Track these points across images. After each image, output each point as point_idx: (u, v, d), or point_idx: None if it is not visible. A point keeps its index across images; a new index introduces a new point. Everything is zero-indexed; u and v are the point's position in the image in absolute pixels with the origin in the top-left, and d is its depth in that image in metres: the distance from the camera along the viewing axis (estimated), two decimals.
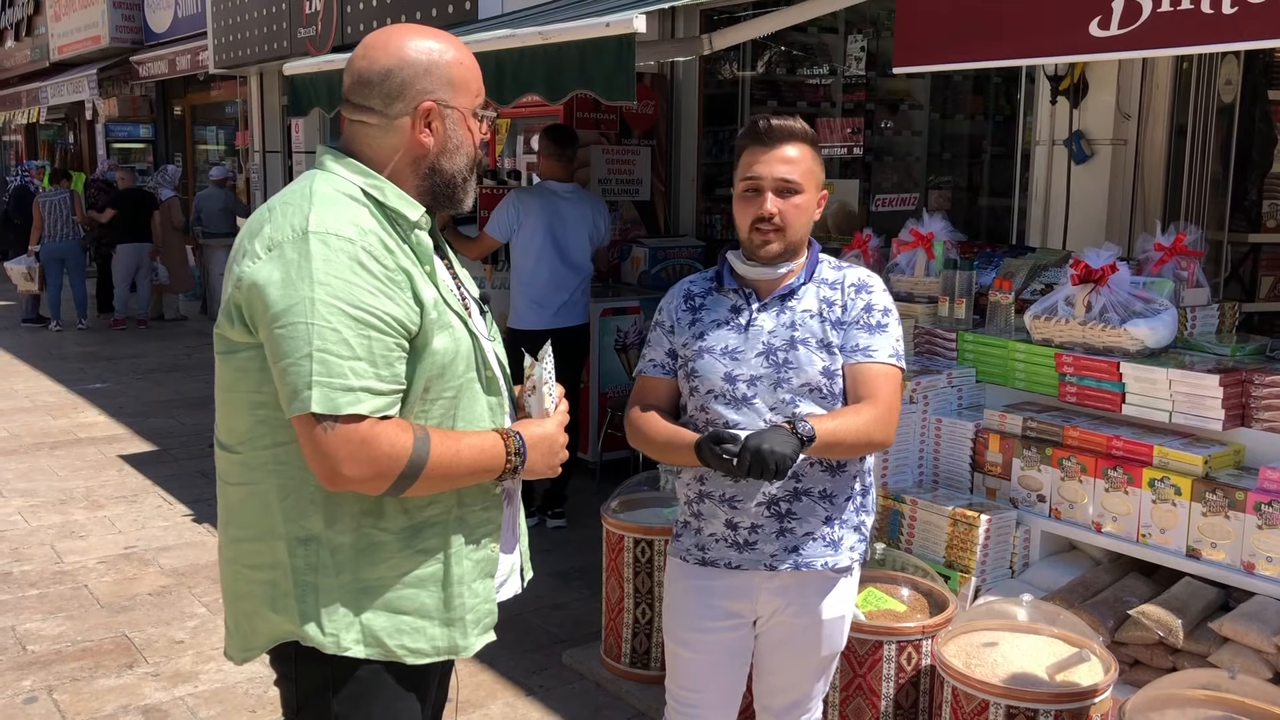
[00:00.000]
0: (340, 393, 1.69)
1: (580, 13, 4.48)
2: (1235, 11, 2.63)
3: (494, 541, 1.97)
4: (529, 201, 5.37)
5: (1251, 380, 3.02)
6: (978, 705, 2.72)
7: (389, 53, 1.85)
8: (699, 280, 2.51)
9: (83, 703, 3.78)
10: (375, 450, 1.72)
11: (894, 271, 4.12)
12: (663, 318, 2.49)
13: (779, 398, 2.33)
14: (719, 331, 2.39)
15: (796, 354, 2.33)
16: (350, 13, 8.86)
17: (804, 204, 2.33)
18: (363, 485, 1.75)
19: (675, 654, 2.52)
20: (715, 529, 2.41)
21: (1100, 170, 4.59)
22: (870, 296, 2.39)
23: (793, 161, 2.31)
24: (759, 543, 2.37)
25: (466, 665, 3.97)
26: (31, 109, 18.13)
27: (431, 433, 1.79)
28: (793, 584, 2.40)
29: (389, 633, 1.86)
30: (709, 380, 2.37)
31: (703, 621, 2.45)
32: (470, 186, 1.96)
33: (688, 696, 2.51)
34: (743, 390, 2.34)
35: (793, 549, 2.37)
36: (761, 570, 2.39)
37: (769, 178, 2.31)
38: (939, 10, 3.30)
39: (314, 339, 1.68)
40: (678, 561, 2.50)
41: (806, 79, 7.58)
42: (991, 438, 3.40)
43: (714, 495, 2.39)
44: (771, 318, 2.37)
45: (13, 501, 6.01)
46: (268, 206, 1.83)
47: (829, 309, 2.37)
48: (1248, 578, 2.86)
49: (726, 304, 2.42)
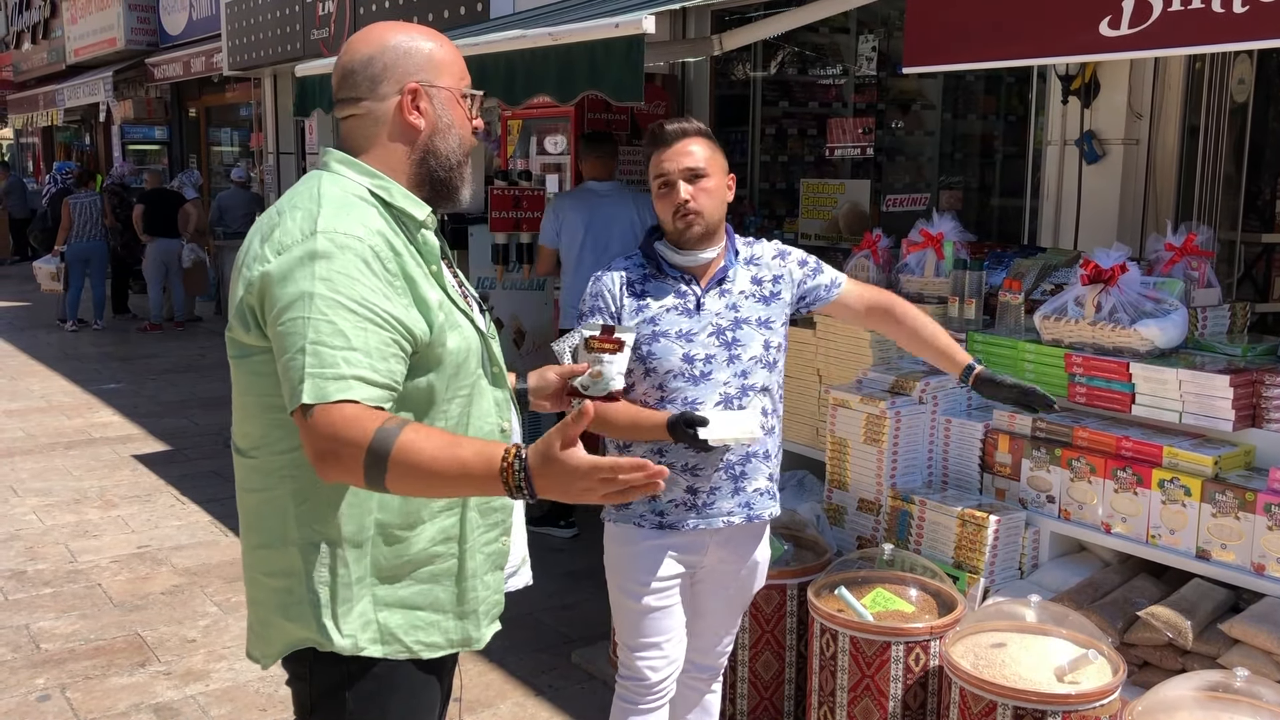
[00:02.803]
0: (330, 381, 1.65)
1: (591, 13, 4.49)
2: (1246, 11, 2.62)
3: (505, 535, 1.98)
4: (567, 203, 5.43)
5: (1262, 381, 3.00)
6: (985, 706, 2.71)
7: (369, 42, 1.90)
8: (630, 267, 2.71)
9: (95, 701, 3.81)
10: (342, 432, 1.63)
11: (904, 272, 4.11)
12: (601, 304, 2.67)
13: (734, 370, 2.62)
14: (670, 316, 2.63)
15: (741, 332, 2.64)
16: (363, 14, 8.89)
17: (713, 187, 2.60)
18: (339, 473, 1.67)
19: (633, 609, 2.70)
20: (675, 495, 2.65)
21: (1112, 170, 4.57)
22: (793, 256, 2.76)
23: (693, 153, 2.58)
24: (717, 501, 2.66)
25: (476, 664, 3.99)
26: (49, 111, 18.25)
27: (411, 425, 1.68)
28: (737, 534, 2.72)
29: (404, 629, 1.87)
30: (667, 361, 2.60)
31: (661, 577, 2.68)
32: (466, 173, 1.96)
33: (653, 644, 2.72)
34: (700, 368, 2.61)
35: (746, 504, 2.69)
36: (717, 525, 2.67)
37: (676, 170, 2.57)
38: (948, 10, 3.29)
39: (309, 332, 1.67)
40: (630, 526, 2.68)
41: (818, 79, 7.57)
42: (1001, 438, 3.39)
43: (675, 465, 2.62)
44: (715, 300, 2.65)
45: (28, 501, 6.06)
46: (276, 209, 1.84)
47: (759, 287, 2.69)
48: (1258, 579, 2.85)
49: (669, 289, 2.66)
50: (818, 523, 3.66)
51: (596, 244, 5.35)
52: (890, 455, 3.46)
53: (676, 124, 2.62)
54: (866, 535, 3.56)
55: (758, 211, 7.16)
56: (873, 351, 3.71)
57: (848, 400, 3.56)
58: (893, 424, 3.44)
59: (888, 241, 4.31)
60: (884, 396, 3.49)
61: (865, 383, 3.66)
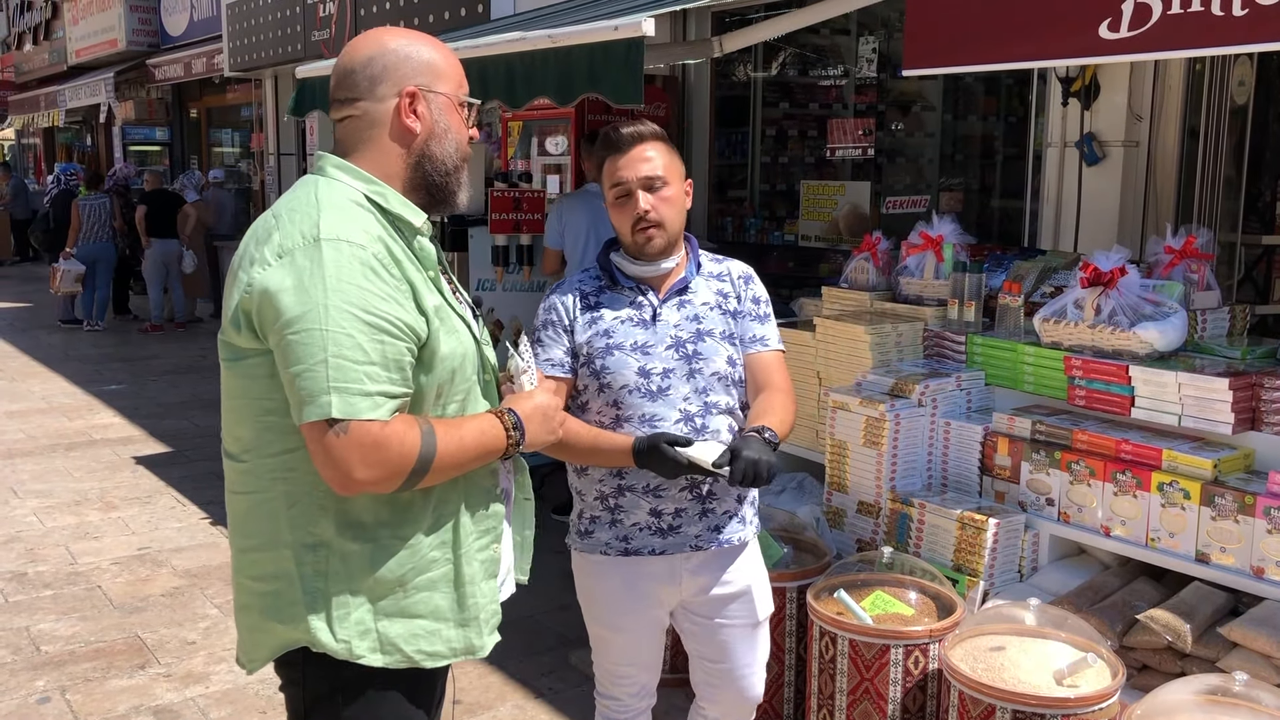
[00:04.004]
0: (359, 398, 1.70)
1: (592, 14, 4.49)
2: (1246, 14, 2.61)
3: (496, 542, 1.99)
4: (569, 205, 5.45)
5: (1261, 384, 3.00)
6: (984, 710, 2.71)
7: (368, 44, 1.91)
8: (586, 280, 2.58)
9: (95, 703, 3.81)
10: (387, 452, 1.72)
11: (903, 274, 4.10)
12: (554, 317, 2.53)
13: (694, 386, 2.45)
14: (624, 328, 2.48)
15: (704, 345, 2.47)
16: (364, 15, 8.90)
17: (673, 196, 2.46)
18: (375, 487, 1.75)
19: (604, 638, 2.65)
20: (638, 519, 2.49)
21: (1112, 172, 4.57)
22: (755, 288, 2.59)
23: (651, 160, 2.43)
24: (683, 525, 2.49)
25: (476, 667, 3.98)
26: (50, 112, 18.28)
27: (435, 425, 1.81)
28: (711, 560, 2.53)
29: (405, 639, 1.87)
30: (622, 376, 2.44)
31: (631, 605, 2.56)
32: (463, 178, 1.97)
33: (621, 670, 2.66)
34: (657, 383, 2.44)
35: (715, 528, 2.51)
36: (686, 552, 2.50)
37: (634, 179, 2.43)
38: (948, 12, 3.29)
39: (329, 345, 1.69)
40: (598, 557, 2.55)
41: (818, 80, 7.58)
42: (1000, 441, 3.39)
43: (636, 488, 2.47)
44: (674, 311, 2.50)
45: (28, 502, 6.06)
46: (273, 213, 1.84)
47: (724, 300, 2.54)
48: (1257, 582, 2.85)
49: (625, 301, 2.51)
50: (817, 525, 3.66)
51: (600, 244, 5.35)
52: (890, 458, 3.46)
53: (632, 127, 2.45)
54: (866, 538, 3.56)
55: (758, 213, 7.16)
56: (872, 354, 3.71)
57: (847, 403, 3.55)
58: (892, 427, 3.44)
59: (887, 243, 4.31)
60: (883, 399, 3.49)
61: (864, 385, 3.66)
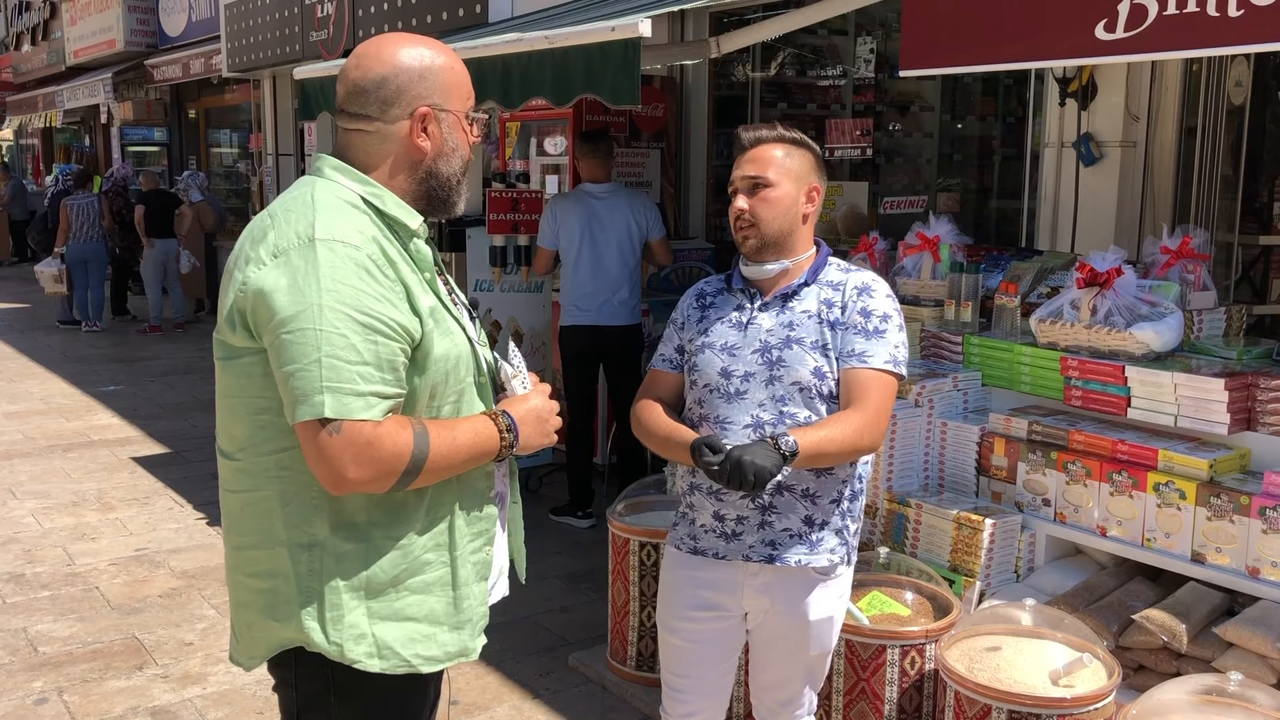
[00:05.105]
0: (352, 398, 1.70)
1: (589, 16, 4.49)
2: (1241, 15, 2.62)
3: (489, 545, 1.99)
4: (563, 206, 5.45)
5: (1257, 384, 3.00)
6: (980, 710, 2.71)
7: (383, 60, 1.88)
8: (714, 281, 2.64)
9: (92, 704, 3.81)
10: (379, 451, 1.73)
11: (900, 275, 4.11)
12: (675, 315, 2.62)
13: (771, 393, 2.40)
14: (720, 328, 2.50)
15: (790, 353, 2.41)
16: (362, 16, 8.89)
17: (774, 197, 2.43)
18: (368, 486, 1.76)
19: (665, 640, 2.61)
20: (705, 520, 2.50)
21: (1109, 172, 4.57)
22: (870, 301, 2.44)
23: (761, 160, 2.44)
24: (744, 534, 2.45)
25: (473, 667, 3.98)
26: (48, 112, 18.27)
27: (429, 425, 1.81)
28: (775, 581, 2.46)
29: (402, 643, 1.87)
30: (706, 374, 2.47)
31: (691, 611, 2.53)
32: (462, 190, 1.99)
33: (678, 682, 2.60)
34: (736, 385, 2.43)
35: (770, 543, 2.43)
36: (742, 562, 2.45)
37: (739, 179, 2.46)
38: (945, 13, 3.30)
39: (322, 345, 1.69)
40: (672, 550, 2.59)
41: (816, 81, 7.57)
42: (997, 441, 3.39)
43: (702, 487, 2.49)
44: (771, 317, 2.46)
45: (26, 503, 6.06)
46: (268, 213, 1.84)
47: (828, 310, 2.44)
48: (1253, 582, 2.85)
49: (733, 303, 2.53)
50: None
51: (594, 245, 5.37)
52: (886, 458, 3.47)
53: (754, 131, 2.47)
54: (863, 538, 3.56)
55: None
56: None
57: None
58: (889, 427, 3.44)
59: (885, 244, 4.32)
60: None
61: None
